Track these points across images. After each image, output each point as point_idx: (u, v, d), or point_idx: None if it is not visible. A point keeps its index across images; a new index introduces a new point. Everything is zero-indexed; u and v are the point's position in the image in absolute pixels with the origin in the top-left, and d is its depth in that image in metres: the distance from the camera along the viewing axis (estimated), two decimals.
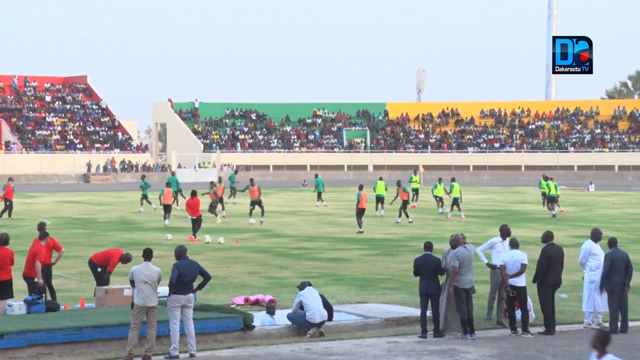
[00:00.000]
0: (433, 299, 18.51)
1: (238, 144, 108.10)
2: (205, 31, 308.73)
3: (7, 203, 45.59)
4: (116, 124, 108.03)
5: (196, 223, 36.29)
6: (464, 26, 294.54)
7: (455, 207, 47.48)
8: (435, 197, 51.34)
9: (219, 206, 45.54)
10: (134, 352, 16.29)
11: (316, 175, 58.63)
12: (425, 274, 18.43)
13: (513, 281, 18.61)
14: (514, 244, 19.09)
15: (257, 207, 43.59)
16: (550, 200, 49.03)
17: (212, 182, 47.96)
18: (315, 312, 18.50)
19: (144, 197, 51.37)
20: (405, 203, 44.38)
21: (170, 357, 16.44)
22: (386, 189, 48.62)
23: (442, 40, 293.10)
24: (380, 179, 49.95)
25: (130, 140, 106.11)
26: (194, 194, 37.25)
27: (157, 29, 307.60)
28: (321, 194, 55.59)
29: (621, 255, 19.13)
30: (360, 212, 39.24)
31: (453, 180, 49.50)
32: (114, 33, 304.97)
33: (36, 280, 19.76)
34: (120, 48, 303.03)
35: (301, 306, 18.72)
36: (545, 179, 50.93)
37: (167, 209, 42.53)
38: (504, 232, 19.92)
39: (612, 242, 19.32)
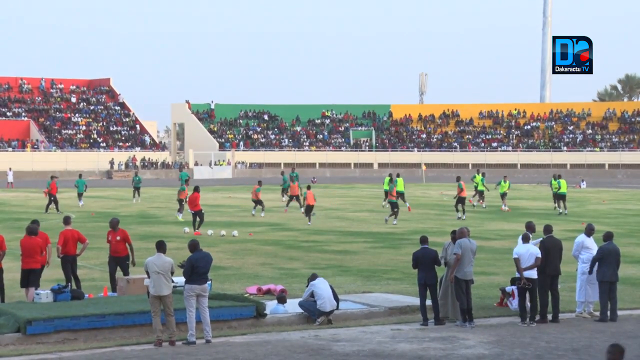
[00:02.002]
0: (431, 289, 18.51)
1: (241, 143, 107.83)
2: (221, 37, 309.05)
3: (52, 198, 46.05)
4: (133, 118, 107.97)
5: (197, 217, 35.93)
6: (464, 32, 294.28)
7: (400, 200, 47.22)
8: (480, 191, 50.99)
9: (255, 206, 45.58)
10: (161, 337, 16.35)
11: (282, 173, 59.01)
12: (423, 266, 18.43)
13: (528, 273, 18.49)
14: (526, 238, 18.91)
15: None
16: (560, 198, 46.42)
17: (186, 180, 48.05)
18: (326, 301, 18.50)
19: (136, 189, 55.09)
20: (462, 199, 43.75)
21: (187, 342, 16.46)
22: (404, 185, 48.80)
23: (443, 46, 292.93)
24: (392, 175, 49.57)
25: (145, 137, 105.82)
26: (196, 189, 37.02)
27: (176, 35, 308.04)
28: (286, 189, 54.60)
29: (614, 248, 19.01)
30: (308, 209, 40.25)
31: (398, 175, 48.78)
32: (136, 39, 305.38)
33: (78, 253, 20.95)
34: (141, 53, 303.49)
35: (312, 295, 18.73)
36: (556, 177, 47.90)
37: (258, 202, 44.11)
38: (530, 228, 19.78)
39: (608, 236, 19.16)
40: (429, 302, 18.57)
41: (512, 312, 19.43)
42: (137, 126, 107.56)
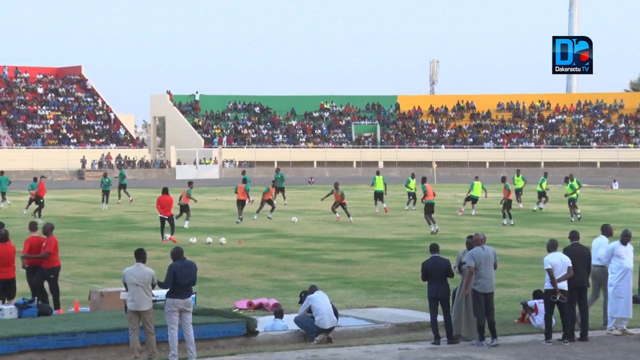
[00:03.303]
0: (443, 304, 18.49)
1: (224, 139, 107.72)
2: (206, 20, 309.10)
3: (41, 200, 46.16)
4: (103, 107, 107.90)
5: (168, 223, 35.58)
6: (480, 15, 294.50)
7: (379, 201, 49.20)
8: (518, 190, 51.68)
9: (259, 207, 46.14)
10: (139, 357, 16.36)
11: (244, 172, 58.72)
12: (434, 278, 18.41)
13: (561, 285, 18.41)
14: (554, 246, 18.83)
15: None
16: (570, 203, 46.03)
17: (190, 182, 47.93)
18: (326, 317, 18.49)
19: (105, 193, 52.63)
20: (509, 202, 43.57)
21: None
22: (385, 184, 49.67)
23: (456, 30, 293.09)
24: (378, 173, 50.34)
25: (119, 130, 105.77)
26: (165, 191, 36.69)
27: (155, 18, 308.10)
28: (283, 189, 54.43)
29: None
30: (238, 203, 43.72)
31: (378, 173, 50.55)
32: (110, 22, 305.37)
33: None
34: (116, 37, 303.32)
35: (309, 310, 18.72)
36: (571, 178, 47.20)
37: (269, 203, 45.85)
38: (607, 231, 19.97)
39: None
40: (440, 318, 18.56)
41: (535, 329, 19.45)
42: (112, 114, 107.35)
